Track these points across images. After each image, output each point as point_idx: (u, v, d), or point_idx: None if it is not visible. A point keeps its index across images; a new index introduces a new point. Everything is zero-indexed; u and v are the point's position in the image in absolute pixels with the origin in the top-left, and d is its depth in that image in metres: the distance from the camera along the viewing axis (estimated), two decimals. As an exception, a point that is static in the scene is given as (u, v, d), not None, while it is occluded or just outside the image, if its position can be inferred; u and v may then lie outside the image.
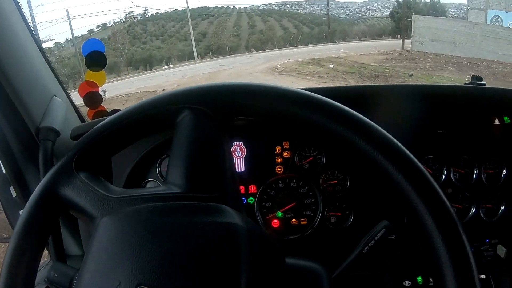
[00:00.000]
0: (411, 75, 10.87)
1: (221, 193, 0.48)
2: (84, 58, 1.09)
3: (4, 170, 0.92)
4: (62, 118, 0.93)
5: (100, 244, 0.42)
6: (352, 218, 1.08)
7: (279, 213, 1.08)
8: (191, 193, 0.46)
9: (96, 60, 1.10)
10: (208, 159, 0.49)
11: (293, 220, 1.09)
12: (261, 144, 1.09)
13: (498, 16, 18.01)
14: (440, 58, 15.45)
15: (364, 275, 1.07)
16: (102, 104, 1.13)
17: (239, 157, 1.09)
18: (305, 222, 1.09)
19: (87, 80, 1.11)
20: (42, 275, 0.53)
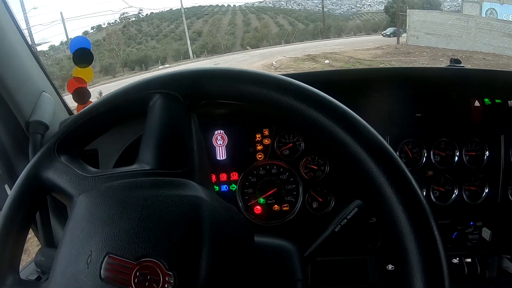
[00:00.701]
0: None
1: (188, 169, 0.50)
2: (72, 55, 1.12)
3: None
4: (51, 112, 0.96)
5: (75, 220, 0.45)
6: (333, 203, 1.08)
7: (261, 200, 1.09)
8: (160, 170, 0.49)
9: (83, 57, 1.13)
10: (176, 139, 0.51)
11: (275, 206, 1.09)
12: (242, 132, 1.09)
13: (493, 9, 18.05)
14: (436, 52, 15.48)
15: (347, 260, 1.07)
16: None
17: (221, 146, 1.09)
18: (287, 208, 1.09)
19: (75, 77, 1.14)
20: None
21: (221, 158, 1.10)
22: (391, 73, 1.12)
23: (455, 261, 1.10)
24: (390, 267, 1.08)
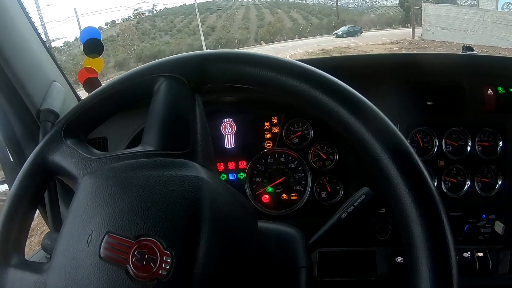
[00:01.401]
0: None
1: (191, 150, 0.50)
2: (82, 46, 1.12)
3: (12, 159, 0.96)
4: (61, 101, 0.97)
5: (78, 201, 0.45)
6: (342, 193, 1.06)
7: (269, 188, 1.08)
8: (162, 150, 0.49)
9: (94, 47, 1.12)
10: (180, 120, 0.51)
11: (283, 195, 1.08)
12: (250, 120, 1.08)
13: (510, 3, 17.64)
14: (451, 46, 15.23)
15: (355, 251, 1.06)
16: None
17: (229, 134, 1.09)
18: (295, 197, 1.08)
19: (86, 67, 1.13)
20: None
21: (230, 147, 1.09)
22: (402, 60, 1.08)
23: (466, 255, 1.07)
24: (400, 259, 1.06)
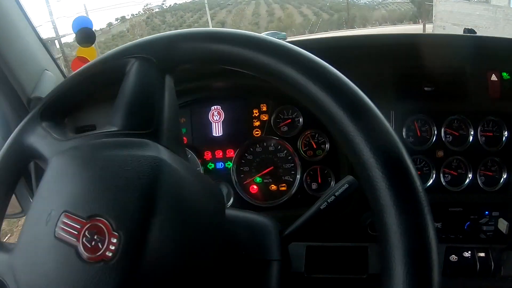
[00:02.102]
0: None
1: (154, 131, 0.48)
2: (74, 35, 1.15)
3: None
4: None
5: (44, 182, 0.45)
6: (334, 185, 1.00)
7: (257, 178, 1.03)
8: (124, 130, 0.48)
9: (86, 37, 1.15)
10: (145, 100, 0.50)
11: (272, 186, 1.03)
12: (238, 107, 1.04)
13: (523, -1, 17.33)
14: (463, 42, 15.00)
15: (345, 247, 1.00)
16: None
17: (217, 121, 1.04)
18: (284, 188, 1.03)
19: (79, 56, 1.16)
20: None
21: (217, 135, 1.05)
22: (398, 41, 1.01)
23: (467, 255, 0.98)
24: None
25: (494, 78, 0.97)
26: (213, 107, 1.04)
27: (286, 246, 0.58)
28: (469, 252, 0.99)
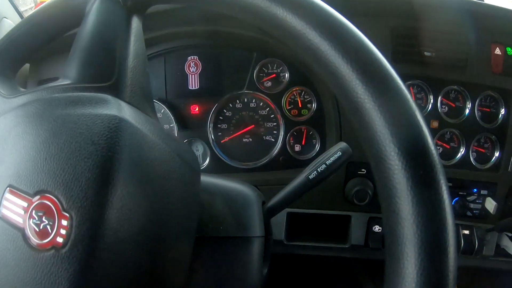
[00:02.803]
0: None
1: (114, 83, 0.41)
2: None
3: None
4: None
5: None
6: (319, 148, 0.94)
7: (236, 137, 0.95)
8: (80, 84, 0.41)
9: None
10: (105, 46, 0.42)
11: (252, 146, 0.96)
12: (218, 58, 0.95)
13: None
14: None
15: (327, 215, 0.94)
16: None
17: (194, 73, 0.95)
18: (265, 149, 0.96)
19: (42, 1, 1.12)
20: None
21: (194, 88, 0.95)
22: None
23: None
24: (377, 229, 0.94)
25: (498, 52, 0.92)
26: (190, 57, 0.95)
27: (269, 220, 0.50)
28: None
